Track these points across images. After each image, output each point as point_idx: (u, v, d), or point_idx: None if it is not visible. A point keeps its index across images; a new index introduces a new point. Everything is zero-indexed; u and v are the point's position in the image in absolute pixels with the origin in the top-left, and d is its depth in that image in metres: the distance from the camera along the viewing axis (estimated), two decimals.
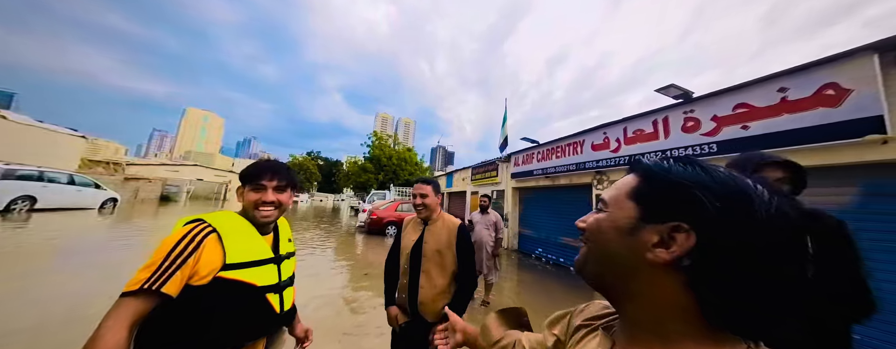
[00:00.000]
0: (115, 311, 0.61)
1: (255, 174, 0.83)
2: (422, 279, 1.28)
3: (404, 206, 9.51)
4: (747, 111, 3.23)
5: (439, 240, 1.32)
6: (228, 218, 0.79)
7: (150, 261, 0.66)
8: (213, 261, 0.71)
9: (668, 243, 0.29)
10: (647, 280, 0.31)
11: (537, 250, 6.67)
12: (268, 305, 0.81)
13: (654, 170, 0.33)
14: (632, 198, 0.34)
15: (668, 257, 0.29)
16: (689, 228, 0.28)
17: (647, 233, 0.30)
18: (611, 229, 0.34)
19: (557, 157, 6.27)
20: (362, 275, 4.45)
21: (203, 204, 18.35)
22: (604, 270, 0.35)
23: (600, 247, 0.35)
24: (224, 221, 0.77)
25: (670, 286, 0.29)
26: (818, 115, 2.69)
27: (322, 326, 2.59)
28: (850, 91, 2.52)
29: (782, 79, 2.98)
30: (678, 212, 0.29)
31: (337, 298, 3.38)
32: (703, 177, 0.30)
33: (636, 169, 0.37)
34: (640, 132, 4.50)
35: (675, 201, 0.30)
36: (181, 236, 0.69)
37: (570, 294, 4.19)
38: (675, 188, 0.30)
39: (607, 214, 0.35)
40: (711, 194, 0.28)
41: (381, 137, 24.95)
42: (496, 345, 0.59)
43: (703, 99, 3.71)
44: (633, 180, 0.35)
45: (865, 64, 2.46)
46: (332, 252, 6.08)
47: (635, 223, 0.32)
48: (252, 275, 0.77)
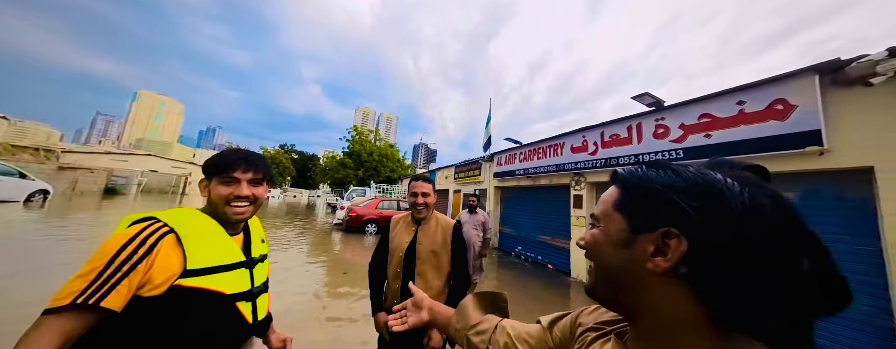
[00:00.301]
0: (36, 334, 0.49)
1: (225, 165, 0.72)
2: (417, 281, 1.22)
3: (385, 204, 9.33)
4: (710, 121, 3.52)
5: (434, 241, 1.27)
6: (189, 216, 0.68)
7: (86, 268, 0.54)
8: (171, 266, 0.60)
9: (663, 251, 0.29)
10: (653, 291, 0.30)
11: (517, 248, 6.85)
12: (238, 315, 0.71)
13: (629, 179, 0.34)
14: (618, 210, 0.33)
15: (667, 265, 0.28)
16: (678, 233, 0.28)
17: (642, 244, 0.30)
18: (607, 244, 0.33)
19: (539, 157, 6.46)
20: (341, 274, 4.30)
21: (157, 198, 16.63)
22: (613, 288, 0.34)
23: (602, 263, 0.34)
24: (183, 220, 0.65)
25: (676, 296, 0.29)
26: (769, 127, 3.00)
27: (297, 333, 2.46)
28: (796, 107, 2.84)
29: (741, 93, 3.28)
30: (663, 218, 0.29)
31: (314, 301, 3.23)
32: (675, 179, 0.30)
33: (615, 180, 0.37)
34: (617, 136, 4.76)
35: (656, 207, 0.30)
36: (129, 238, 0.58)
37: (547, 291, 4.35)
38: (651, 194, 0.30)
39: (601, 229, 0.35)
40: (686, 195, 0.28)
41: (361, 132, 24.23)
42: (473, 329, 0.54)
43: (672, 108, 4.00)
44: (616, 192, 0.35)
45: (808, 83, 2.78)
46: (308, 249, 5.81)
47: (628, 234, 0.31)
48: (219, 281, 0.66)
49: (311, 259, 5.19)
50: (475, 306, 0.59)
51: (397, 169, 23.44)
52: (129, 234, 0.59)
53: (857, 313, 2.42)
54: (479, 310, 0.59)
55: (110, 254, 0.56)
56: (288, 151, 43.54)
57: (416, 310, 0.64)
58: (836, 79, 2.65)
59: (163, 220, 0.63)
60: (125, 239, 0.58)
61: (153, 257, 0.58)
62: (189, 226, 0.65)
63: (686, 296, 0.28)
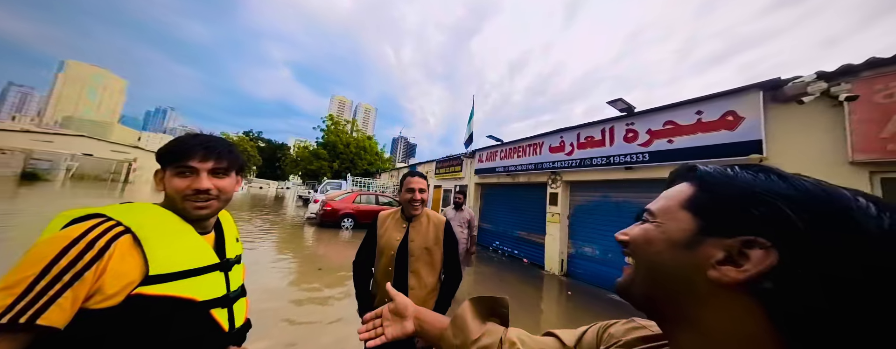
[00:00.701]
0: None
1: (180, 152, 0.61)
2: (411, 280, 1.21)
3: (364, 198, 9.09)
4: (673, 128, 3.87)
5: (427, 238, 1.26)
6: (149, 212, 0.58)
7: (10, 278, 0.45)
8: (127, 273, 0.51)
9: (737, 260, 0.25)
10: (707, 303, 0.26)
11: (495, 243, 7.08)
12: (213, 324, 0.62)
13: (715, 177, 0.29)
14: (688, 209, 0.29)
15: (738, 276, 0.24)
16: (769, 244, 0.23)
17: (710, 248, 0.26)
18: (662, 241, 0.29)
19: (519, 156, 6.67)
20: (316, 271, 4.15)
21: (93, 186, 14.56)
22: (655, 291, 0.30)
23: (649, 262, 0.30)
24: (142, 217, 0.56)
25: (737, 311, 0.25)
26: (722, 136, 3.37)
27: (267, 337, 2.29)
28: (744, 118, 3.21)
29: (700, 103, 3.63)
30: (752, 226, 0.25)
31: (284, 300, 3.09)
32: (782, 186, 0.25)
33: (691, 177, 0.32)
34: (591, 138, 5.05)
35: (748, 213, 0.25)
36: (71, 240, 0.48)
37: (523, 283, 4.56)
38: (747, 198, 0.26)
39: (657, 225, 0.30)
40: (796, 206, 0.24)
41: (337, 122, 23.19)
42: (474, 345, 0.47)
43: (641, 114, 4.32)
44: (689, 189, 0.31)
45: (754, 98, 3.15)
46: (278, 245, 5.52)
47: (693, 236, 0.27)
48: (190, 287, 0.58)
49: (281, 255, 4.94)
50: (473, 315, 0.51)
51: (376, 162, 22.86)
52: (70, 236, 0.49)
53: None
54: (477, 319, 0.51)
55: (46, 260, 0.46)
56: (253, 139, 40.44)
57: (398, 320, 0.55)
58: (776, 96, 3.03)
59: (116, 218, 0.53)
60: (66, 241, 0.48)
61: (104, 263, 0.49)
62: (150, 225, 0.56)
63: (753, 316, 0.24)
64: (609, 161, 4.61)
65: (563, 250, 5.25)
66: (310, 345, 2.21)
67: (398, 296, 0.59)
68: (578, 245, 5.11)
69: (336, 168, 21.14)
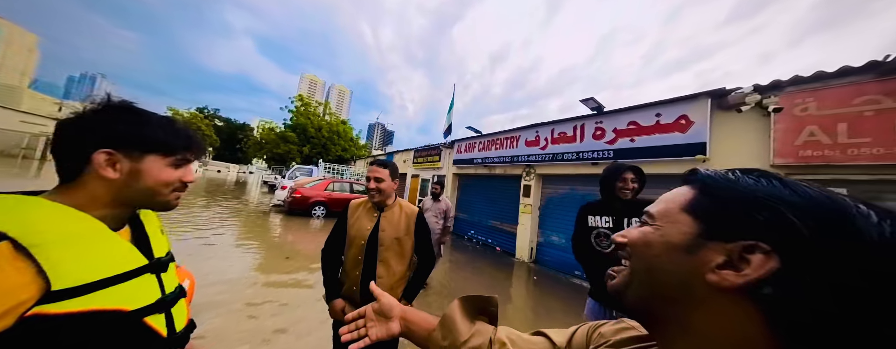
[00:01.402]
0: None
1: (183, 143, 0.57)
2: (379, 269, 1.23)
3: (336, 186, 8.80)
4: (635, 128, 4.22)
5: (398, 228, 1.27)
6: (35, 209, 0.44)
7: None
8: (11, 291, 0.39)
9: (737, 265, 0.25)
10: (704, 307, 0.26)
11: (470, 232, 7.32)
12: (150, 333, 0.53)
13: (717, 181, 0.29)
14: (688, 212, 0.29)
15: (738, 281, 0.24)
16: (770, 249, 0.24)
17: (710, 252, 0.26)
18: (661, 245, 0.29)
19: (496, 148, 6.84)
20: (284, 260, 4.03)
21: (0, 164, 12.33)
22: (651, 294, 0.30)
23: (647, 265, 0.30)
24: (28, 218, 0.43)
25: (734, 316, 0.25)
26: (675, 137, 3.76)
27: (233, 330, 2.17)
28: (693, 123, 3.60)
29: (659, 106, 3.99)
30: (754, 231, 0.25)
31: (249, 290, 2.98)
32: (785, 192, 0.25)
33: (692, 180, 0.32)
34: (563, 134, 5.33)
35: (751, 218, 0.26)
36: None
37: (495, 269, 4.83)
38: (750, 203, 0.26)
39: (656, 228, 0.30)
40: (800, 211, 0.24)
41: (308, 103, 21.69)
42: (464, 346, 0.47)
43: (609, 113, 4.63)
44: (689, 192, 0.31)
45: (702, 105, 3.53)
46: (241, 232, 5.21)
47: (694, 240, 0.27)
48: (116, 296, 0.48)
49: (244, 243, 4.68)
50: (462, 315, 0.50)
51: (350, 148, 21.98)
52: None
53: None
54: (466, 319, 0.50)
55: None
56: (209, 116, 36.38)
57: (383, 321, 0.54)
58: (721, 103, 3.43)
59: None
60: None
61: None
62: (42, 228, 0.43)
63: (751, 321, 0.24)
64: (578, 156, 4.93)
65: (533, 239, 5.61)
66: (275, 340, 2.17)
67: (383, 295, 0.56)
68: (547, 234, 5.49)
69: (306, 153, 19.98)
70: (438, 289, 3.59)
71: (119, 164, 0.51)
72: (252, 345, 1.97)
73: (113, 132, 0.51)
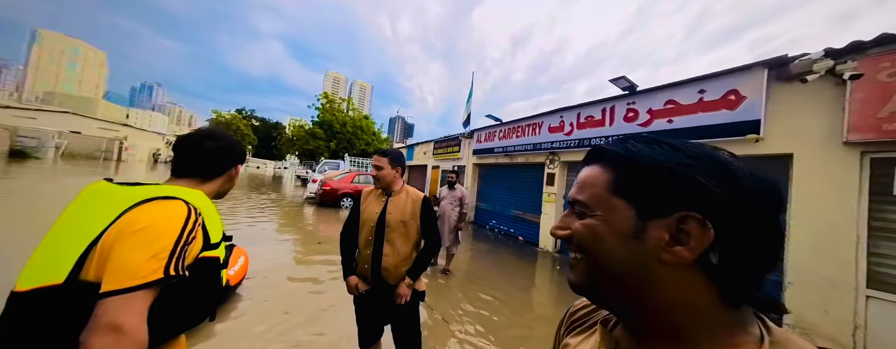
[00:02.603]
0: (133, 306, 0.55)
1: (244, 155, 0.91)
2: (386, 248, 1.33)
3: (361, 178, 9.14)
4: (674, 107, 3.83)
5: (404, 212, 1.36)
6: (201, 198, 0.76)
7: (155, 247, 0.59)
8: (200, 242, 0.71)
9: (680, 238, 0.26)
10: (666, 285, 0.27)
11: (491, 222, 7.28)
12: (221, 278, 0.83)
13: (627, 156, 0.29)
14: (619, 195, 0.29)
15: (690, 255, 0.25)
16: (702, 218, 0.25)
17: (655, 232, 0.27)
18: (611, 236, 0.29)
19: (517, 136, 6.62)
20: (316, 244, 4.41)
21: (85, 164, 14.46)
22: (616, 287, 0.30)
23: (604, 259, 0.29)
24: (201, 203, 0.74)
25: (691, 285, 0.26)
26: (721, 115, 3.36)
27: (280, 294, 2.58)
28: (745, 98, 3.18)
29: (702, 82, 3.56)
30: (678, 200, 0.26)
31: (290, 267, 3.24)
32: (680, 156, 0.27)
33: (602, 158, 0.32)
34: (591, 118, 5.00)
35: (671, 188, 0.26)
36: (184, 221, 0.65)
37: (518, 259, 4.78)
38: (665, 174, 0.27)
39: (599, 219, 0.29)
40: (704, 173, 0.26)
41: (332, 100, 22.56)
42: None
43: (643, 93, 4.24)
44: (605, 173, 0.30)
45: (757, 76, 3.09)
46: (279, 222, 5.65)
47: (636, 224, 0.28)
48: (219, 252, 0.79)
49: (284, 229, 5.10)
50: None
51: (373, 142, 22.63)
52: (180, 215, 0.65)
53: None
54: None
55: (173, 235, 0.62)
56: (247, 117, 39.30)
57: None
58: (780, 74, 2.97)
59: (192, 203, 0.70)
60: (181, 219, 0.64)
61: (197, 237, 0.69)
62: (205, 209, 0.75)
63: (700, 281, 0.26)
64: (608, 141, 4.61)
65: None
66: (306, 304, 2.40)
67: None
68: None
69: (333, 148, 20.93)
70: (461, 277, 3.63)
71: (235, 171, 0.89)
72: (293, 303, 2.53)
73: (236, 153, 0.88)
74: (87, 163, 15.84)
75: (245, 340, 1.89)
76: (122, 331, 0.52)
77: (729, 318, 0.26)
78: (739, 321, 0.27)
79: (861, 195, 2.49)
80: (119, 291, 0.54)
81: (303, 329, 2.11)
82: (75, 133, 18.83)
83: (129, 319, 0.53)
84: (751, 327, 0.27)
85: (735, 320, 0.27)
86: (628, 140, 0.31)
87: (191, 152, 0.80)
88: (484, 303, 2.90)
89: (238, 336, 1.91)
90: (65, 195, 6.16)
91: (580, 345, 0.37)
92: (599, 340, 0.34)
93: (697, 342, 0.27)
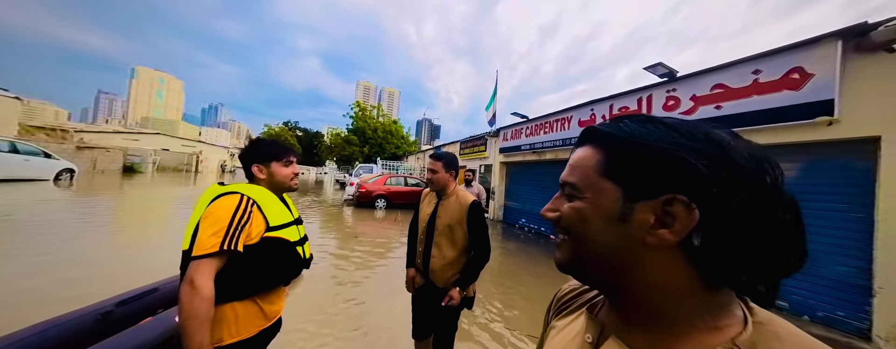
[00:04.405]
0: (201, 269, 0.77)
1: (284, 152, 1.04)
2: (433, 250, 1.37)
3: (393, 180, 9.60)
4: (723, 92, 3.45)
5: (451, 216, 1.36)
6: (259, 191, 0.95)
7: (215, 227, 0.81)
8: (259, 225, 0.89)
9: (665, 221, 0.26)
10: (648, 266, 0.27)
11: (521, 221, 7.16)
12: (298, 255, 1.03)
13: (620, 137, 0.29)
14: (607, 176, 0.29)
15: (674, 238, 0.25)
16: (687, 200, 0.24)
17: (641, 215, 0.26)
18: (598, 219, 0.29)
19: (545, 132, 6.44)
20: (353, 238, 4.92)
21: (174, 175, 17.41)
22: (599, 267, 0.30)
23: (589, 240, 0.30)
24: (256, 193, 0.93)
25: (672, 266, 0.26)
26: (782, 97, 2.96)
27: (328, 276, 2.94)
28: (812, 75, 2.76)
29: (757, 61, 3.17)
30: (666, 182, 0.25)
31: (336, 254, 3.61)
32: (674, 135, 0.26)
33: (594, 138, 0.31)
34: (625, 109, 4.69)
35: (659, 169, 0.26)
36: (235, 206, 0.84)
37: (549, 258, 4.66)
38: (653, 154, 0.26)
39: (587, 201, 0.30)
40: (694, 153, 0.25)
41: (364, 108, 23.93)
42: None
43: (685, 78, 3.88)
44: (596, 154, 0.30)
45: (829, 50, 2.66)
46: (324, 223, 6.23)
47: (623, 206, 0.27)
48: (287, 233, 0.98)
49: (327, 226, 5.62)
50: None
51: (402, 145, 23.48)
52: (233, 203, 0.84)
53: (838, 274, 2.62)
54: None
55: (228, 216, 0.82)
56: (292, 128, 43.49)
57: None
58: (860, 44, 2.54)
59: (246, 194, 0.88)
60: (233, 206, 0.84)
61: (252, 219, 0.87)
62: (262, 198, 0.92)
63: (682, 263, 0.26)
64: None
65: None
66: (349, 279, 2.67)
67: None
68: None
69: (367, 153, 22.18)
70: (489, 276, 3.69)
71: (263, 169, 1.01)
72: (339, 282, 3.09)
73: (253, 155, 1.00)
74: (174, 174, 19.30)
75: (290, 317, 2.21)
76: (194, 285, 0.75)
77: (710, 301, 0.26)
78: (722, 303, 0.27)
79: None
80: (194, 257, 0.78)
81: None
82: (165, 150, 22.82)
83: (199, 278, 0.75)
84: (734, 309, 0.27)
85: (717, 302, 0.26)
86: (622, 119, 0.30)
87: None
88: (509, 299, 2.94)
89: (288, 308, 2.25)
90: (165, 199, 7.51)
91: (566, 327, 0.37)
92: (584, 324, 0.34)
93: (680, 324, 0.27)
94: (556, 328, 0.39)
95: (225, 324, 0.85)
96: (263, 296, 0.94)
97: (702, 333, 0.26)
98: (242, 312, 0.88)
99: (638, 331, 0.29)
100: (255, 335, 0.91)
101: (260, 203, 0.90)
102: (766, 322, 0.26)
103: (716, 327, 0.26)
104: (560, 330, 0.38)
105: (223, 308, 0.84)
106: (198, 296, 0.74)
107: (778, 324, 0.26)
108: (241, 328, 0.87)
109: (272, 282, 0.95)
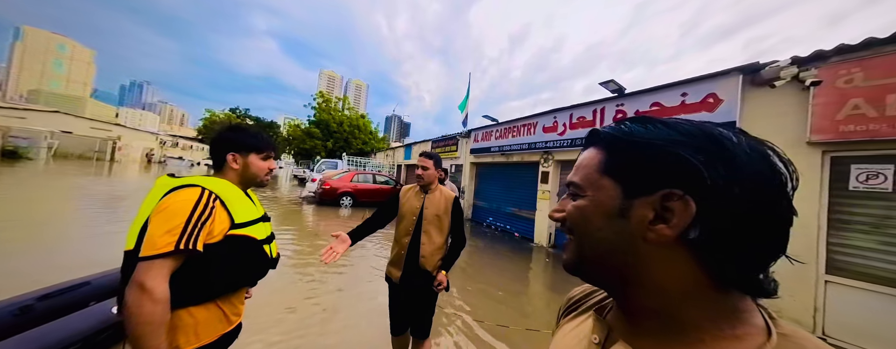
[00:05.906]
0: (153, 271, 0.69)
1: (267, 146, 0.98)
2: (423, 238, 1.54)
3: (360, 177, 9.28)
4: (659, 110, 4.07)
5: (438, 207, 1.57)
6: (222, 184, 0.87)
7: (167, 225, 0.72)
8: (223, 221, 0.82)
9: (664, 216, 0.26)
10: (652, 263, 0.27)
11: (488, 219, 7.50)
12: (265, 253, 0.97)
13: (618, 136, 0.30)
14: (608, 175, 0.30)
15: (672, 233, 0.25)
16: (682, 194, 0.25)
17: (640, 210, 0.27)
18: (598, 216, 0.29)
19: (513, 136, 6.84)
20: (314, 238, 4.60)
21: (78, 164, 14.34)
22: (605, 264, 0.30)
23: (590, 238, 0.30)
24: (220, 188, 0.85)
25: (676, 262, 0.26)
26: (702, 117, 3.60)
27: (287, 283, 2.76)
28: (722, 101, 3.43)
29: (684, 86, 3.81)
30: (663, 178, 0.26)
31: (296, 257, 3.42)
32: (671, 133, 0.27)
33: (597, 140, 0.33)
34: (582, 119, 5.23)
35: (657, 166, 0.26)
36: (195, 201, 0.76)
37: (514, 253, 5.00)
38: (650, 151, 0.27)
39: (588, 199, 0.30)
40: (690, 149, 0.25)
41: (328, 99, 22.50)
42: None
43: (631, 95, 4.49)
44: (599, 154, 0.31)
45: (733, 81, 3.34)
46: (280, 221, 5.80)
47: (622, 202, 0.28)
48: (253, 231, 0.91)
49: (284, 228, 5.24)
50: None
51: (370, 141, 22.67)
52: (192, 197, 0.76)
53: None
54: None
55: (185, 212, 0.73)
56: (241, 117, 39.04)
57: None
58: (754, 79, 3.22)
59: (208, 188, 0.81)
60: (192, 201, 0.75)
61: (214, 215, 0.79)
62: (225, 193, 0.85)
63: (686, 261, 0.26)
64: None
65: (552, 224, 5.67)
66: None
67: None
68: None
69: (330, 147, 20.95)
70: (458, 273, 3.85)
71: (238, 159, 0.92)
72: (305, 280, 2.84)
73: (232, 142, 0.92)
74: (79, 163, 15.62)
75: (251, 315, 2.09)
76: (144, 289, 0.67)
77: (722, 305, 0.26)
78: (738, 309, 0.26)
79: (822, 190, 2.76)
80: (143, 258, 0.69)
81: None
82: (67, 133, 18.61)
83: (150, 280, 0.67)
84: (753, 317, 0.26)
85: (731, 308, 0.26)
86: (623, 121, 0.31)
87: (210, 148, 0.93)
88: (477, 293, 3.12)
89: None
90: (58, 196, 6.20)
91: (574, 328, 0.37)
92: (592, 326, 0.34)
93: (692, 330, 0.26)
94: (564, 328, 0.40)
95: (182, 331, 0.77)
96: (225, 299, 0.86)
97: (718, 342, 0.25)
98: (203, 317, 0.81)
99: (647, 339, 0.29)
100: (216, 340, 0.84)
101: (224, 198, 0.82)
102: (791, 334, 0.25)
103: (734, 336, 0.25)
104: (568, 330, 0.38)
105: (180, 313, 0.76)
106: (149, 299, 0.66)
107: (803, 336, 0.25)
108: (200, 334, 0.80)
109: (236, 283, 0.89)
